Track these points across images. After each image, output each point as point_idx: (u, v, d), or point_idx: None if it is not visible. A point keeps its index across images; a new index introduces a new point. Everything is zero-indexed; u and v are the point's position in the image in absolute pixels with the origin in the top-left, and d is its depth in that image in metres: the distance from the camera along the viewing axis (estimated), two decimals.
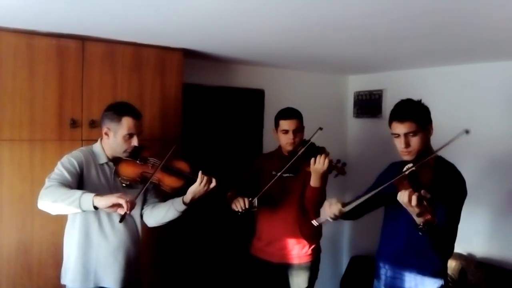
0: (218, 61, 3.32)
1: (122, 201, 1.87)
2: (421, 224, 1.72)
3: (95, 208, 1.89)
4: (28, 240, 2.38)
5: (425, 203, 1.65)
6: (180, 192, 2.23)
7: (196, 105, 3.30)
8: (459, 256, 3.03)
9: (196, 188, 2.17)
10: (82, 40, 2.50)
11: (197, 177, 2.17)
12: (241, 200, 2.45)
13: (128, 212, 1.90)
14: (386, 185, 1.91)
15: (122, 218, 1.97)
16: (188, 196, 2.20)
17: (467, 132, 1.79)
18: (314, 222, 2.22)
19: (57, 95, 2.44)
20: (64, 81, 2.47)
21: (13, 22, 2.22)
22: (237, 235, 3.39)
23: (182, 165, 2.28)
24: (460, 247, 2.97)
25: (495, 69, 3.02)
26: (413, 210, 1.70)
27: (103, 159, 2.20)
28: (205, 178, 2.17)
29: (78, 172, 2.10)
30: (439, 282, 2.08)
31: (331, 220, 2.07)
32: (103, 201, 1.88)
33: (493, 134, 3.01)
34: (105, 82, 2.59)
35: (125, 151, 2.19)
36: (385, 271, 2.22)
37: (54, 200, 1.91)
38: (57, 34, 2.42)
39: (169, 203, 2.28)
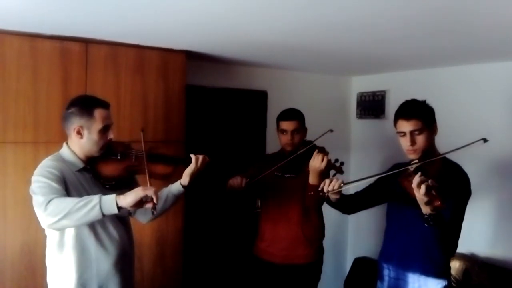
0: (221, 62, 3.33)
1: (150, 192, 1.71)
2: (427, 214, 1.71)
3: (119, 209, 1.70)
4: (32, 242, 2.39)
5: (433, 192, 1.65)
6: (170, 178, 2.16)
7: (199, 107, 3.31)
8: (463, 257, 3.02)
9: (193, 169, 2.10)
10: (86, 42, 2.52)
11: (185, 157, 2.11)
12: (238, 177, 2.50)
13: (156, 203, 1.74)
14: (389, 173, 1.93)
15: (154, 211, 1.81)
16: (186, 179, 2.12)
17: (485, 140, 1.77)
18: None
19: (61, 97, 2.45)
20: (67, 84, 2.48)
21: (17, 25, 2.23)
22: (241, 236, 3.39)
23: (165, 149, 2.20)
24: (463, 247, 2.95)
25: (499, 69, 3.01)
26: (422, 199, 1.69)
27: (79, 164, 1.96)
28: (199, 157, 2.12)
29: (62, 179, 1.85)
30: (442, 283, 2.08)
31: (326, 192, 2.05)
32: (129, 198, 1.69)
33: (497, 134, 2.99)
34: (108, 84, 2.60)
35: (101, 148, 1.98)
36: (388, 272, 2.21)
37: (67, 213, 1.67)
38: (61, 37, 2.43)
39: (164, 191, 2.16)
